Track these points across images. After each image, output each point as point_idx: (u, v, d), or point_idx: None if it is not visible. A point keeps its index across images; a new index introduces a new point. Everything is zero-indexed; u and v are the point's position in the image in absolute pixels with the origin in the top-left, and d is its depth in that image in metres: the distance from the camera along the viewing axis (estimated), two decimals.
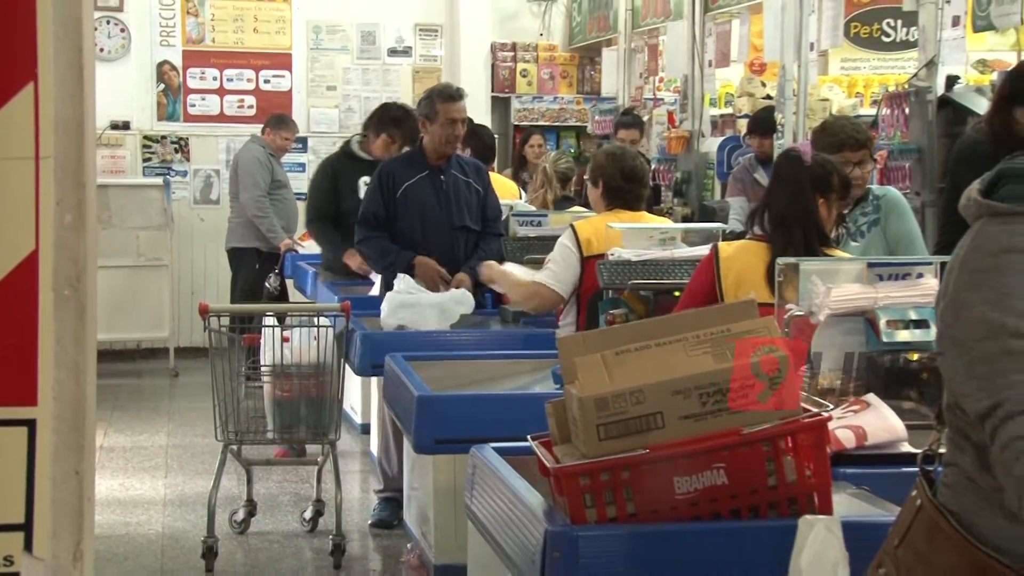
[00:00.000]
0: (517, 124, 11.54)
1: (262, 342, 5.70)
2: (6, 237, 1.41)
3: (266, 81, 11.42)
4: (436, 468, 5.11)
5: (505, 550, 2.92)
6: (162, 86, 11.23)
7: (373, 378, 6.05)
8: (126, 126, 11.03)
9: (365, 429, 7.28)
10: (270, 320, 5.76)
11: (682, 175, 9.24)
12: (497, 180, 7.35)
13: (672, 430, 2.57)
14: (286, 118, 9.82)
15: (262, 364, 5.71)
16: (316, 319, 5.65)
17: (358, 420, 7.76)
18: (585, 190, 8.86)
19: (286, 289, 9.09)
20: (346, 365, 5.72)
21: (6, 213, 1.41)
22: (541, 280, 5.18)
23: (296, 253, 8.89)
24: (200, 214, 11.15)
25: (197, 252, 11.00)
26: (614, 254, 4.92)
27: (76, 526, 1.49)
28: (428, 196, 6.26)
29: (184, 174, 11.22)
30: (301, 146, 10.91)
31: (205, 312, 5.47)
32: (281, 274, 8.90)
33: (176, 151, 11.22)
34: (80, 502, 1.48)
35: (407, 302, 5.80)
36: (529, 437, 2.91)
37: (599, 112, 11.21)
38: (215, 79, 11.33)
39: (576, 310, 5.17)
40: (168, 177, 11.01)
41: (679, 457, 2.59)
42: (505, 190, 7.46)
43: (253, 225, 8.97)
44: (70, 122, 1.43)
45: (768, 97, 8.68)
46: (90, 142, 1.45)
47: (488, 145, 8.49)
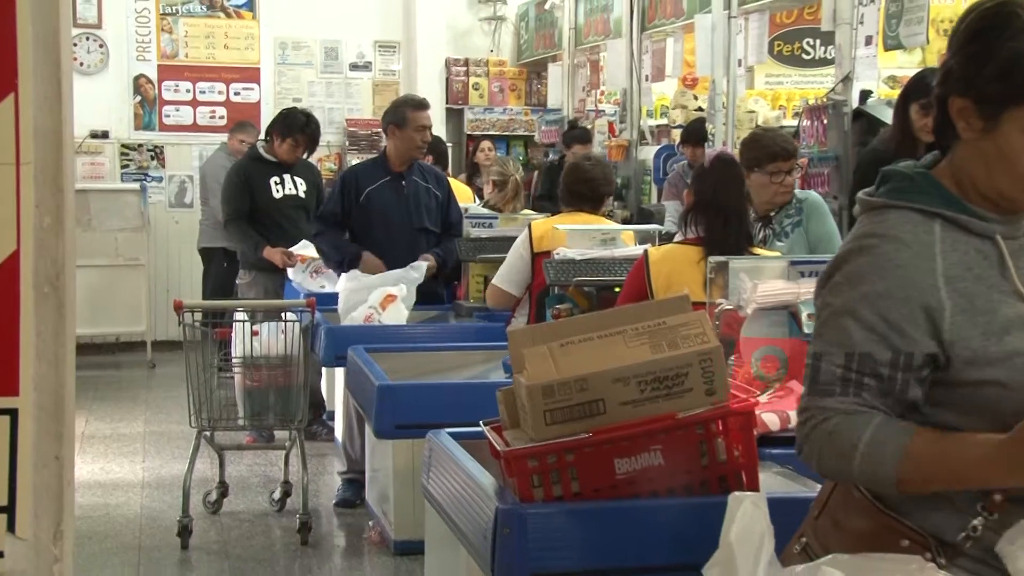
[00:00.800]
0: (470, 133, 11.56)
1: (233, 336, 5.69)
2: None
3: (236, 93, 11.37)
4: (395, 452, 5.10)
5: (459, 527, 2.91)
6: (139, 98, 11.17)
7: (337, 368, 6.03)
8: (105, 135, 10.98)
9: (330, 416, 7.25)
10: (240, 315, 5.73)
11: (622, 181, 9.27)
12: (455, 186, 7.35)
13: (613, 415, 2.57)
14: (245, 123, 9.77)
15: (233, 356, 5.70)
16: (283, 314, 5.64)
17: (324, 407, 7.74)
18: (540, 191, 8.93)
19: None
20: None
21: None
22: (494, 281, 5.21)
23: None
24: (175, 217, 11.09)
25: (172, 252, 10.95)
26: (559, 253, 4.92)
27: (56, 508, 1.47)
28: (390, 199, 6.26)
29: (160, 180, 11.16)
30: None
31: (180, 308, 5.46)
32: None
33: (152, 158, 11.18)
34: (60, 485, 1.47)
35: (361, 286, 5.84)
36: (481, 422, 2.91)
37: (545, 122, 11.26)
38: (188, 91, 11.28)
39: (530, 305, 5.18)
40: (144, 183, 10.95)
41: (619, 440, 2.60)
42: (462, 195, 7.46)
43: (221, 226, 8.90)
44: (49, 131, 1.41)
45: (700, 109, 8.71)
46: (68, 150, 1.43)
47: (441, 152, 8.52)
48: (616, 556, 2.62)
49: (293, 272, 7.07)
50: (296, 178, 7.32)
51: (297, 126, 7.24)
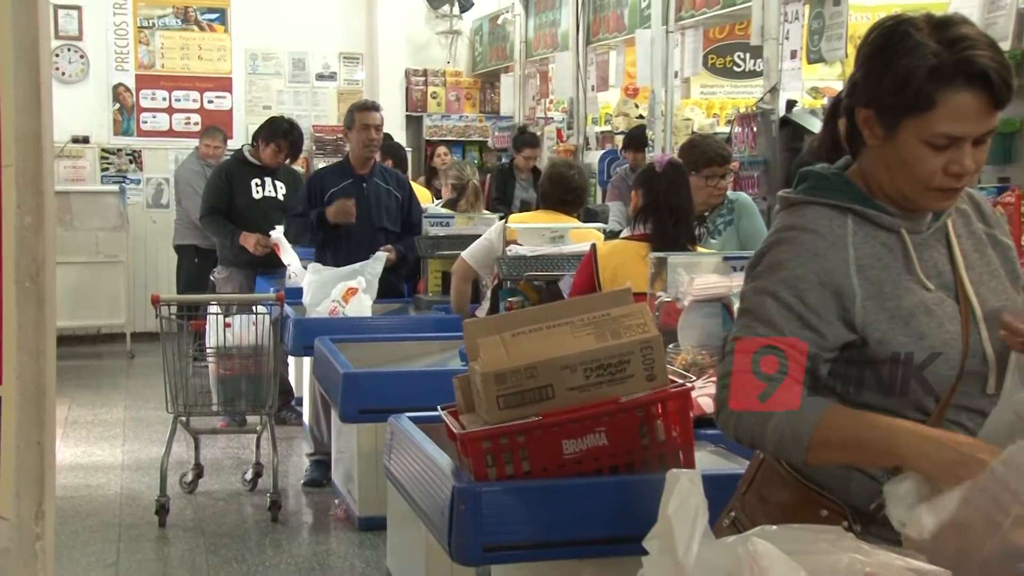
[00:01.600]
0: (428, 139, 11.55)
1: (207, 327, 5.65)
2: None
3: (209, 101, 11.33)
4: (359, 435, 5.09)
5: (419, 504, 2.91)
6: (117, 105, 11.12)
7: (305, 358, 6.01)
8: (86, 140, 10.92)
9: (298, 402, 7.23)
10: (214, 308, 5.70)
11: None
12: (415, 188, 7.34)
13: (561, 400, 2.58)
14: (212, 129, 9.74)
15: (207, 346, 5.66)
16: (254, 307, 5.61)
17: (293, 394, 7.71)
18: (494, 194, 8.92)
19: None
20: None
21: None
22: (463, 254, 5.24)
23: None
24: (152, 217, 11.02)
25: (150, 250, 10.89)
26: (511, 251, 4.92)
27: (38, 490, 1.45)
28: (352, 200, 6.23)
29: (138, 182, 11.10)
30: None
31: (157, 302, 5.44)
32: None
33: (130, 162, 11.11)
34: (42, 468, 1.45)
35: (324, 281, 5.82)
36: (439, 407, 2.90)
37: (498, 129, 11.27)
38: (164, 99, 11.22)
39: (490, 299, 5.18)
40: (123, 185, 10.91)
41: (567, 423, 2.60)
42: (421, 197, 7.44)
43: (193, 225, 8.83)
44: (29, 135, 1.39)
45: (640, 117, 8.75)
46: (48, 153, 1.41)
47: (400, 156, 8.52)
48: (564, 530, 2.63)
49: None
50: (277, 182, 7.32)
51: (280, 132, 7.26)
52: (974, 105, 1.80)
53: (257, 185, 7.25)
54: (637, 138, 8.04)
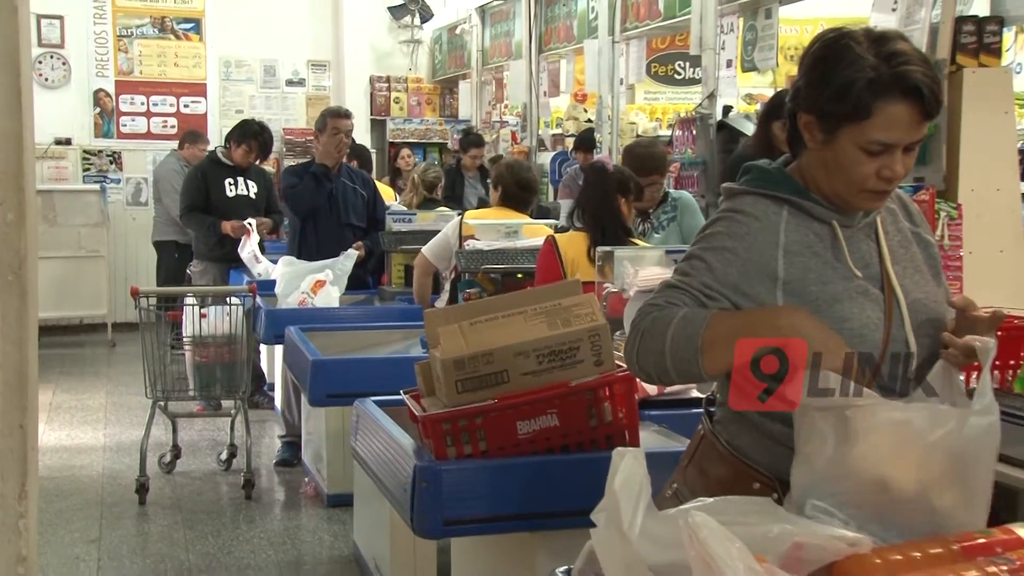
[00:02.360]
0: (391, 141, 11.50)
1: (184, 317, 5.61)
2: None
3: (185, 106, 11.24)
4: (327, 417, 5.07)
5: (383, 482, 2.90)
6: (98, 109, 11.02)
7: (276, 346, 5.97)
8: (68, 142, 10.84)
9: (270, 387, 7.19)
10: (190, 300, 5.66)
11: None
12: (380, 187, 7.32)
13: (515, 384, 2.58)
14: (199, 134, 9.70)
15: (184, 335, 5.61)
16: (228, 299, 5.58)
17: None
18: (447, 192, 8.90)
19: None
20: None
21: None
22: (424, 249, 5.23)
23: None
24: (131, 214, 10.93)
25: (130, 245, 10.78)
26: (469, 245, 4.91)
27: (21, 470, 1.42)
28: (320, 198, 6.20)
29: (118, 181, 11.01)
30: None
31: (136, 294, 5.41)
32: None
33: (111, 163, 11.02)
34: (25, 451, 1.42)
35: (295, 274, 5.79)
36: (402, 391, 2.89)
37: (457, 131, 11.23)
38: (143, 104, 11.13)
39: (449, 290, 5.17)
40: (104, 184, 10.83)
41: (521, 405, 2.60)
42: (385, 195, 7.43)
43: (173, 221, 8.76)
44: (10, 135, 1.36)
45: (589, 120, 8.76)
46: (28, 153, 1.39)
47: (365, 158, 8.49)
48: (518, 504, 2.63)
49: (242, 248, 6.98)
50: (249, 181, 7.30)
51: (251, 134, 7.25)
52: (907, 116, 1.82)
53: (230, 184, 7.23)
54: (586, 140, 8.05)
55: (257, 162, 7.45)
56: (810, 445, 1.71)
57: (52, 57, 10.74)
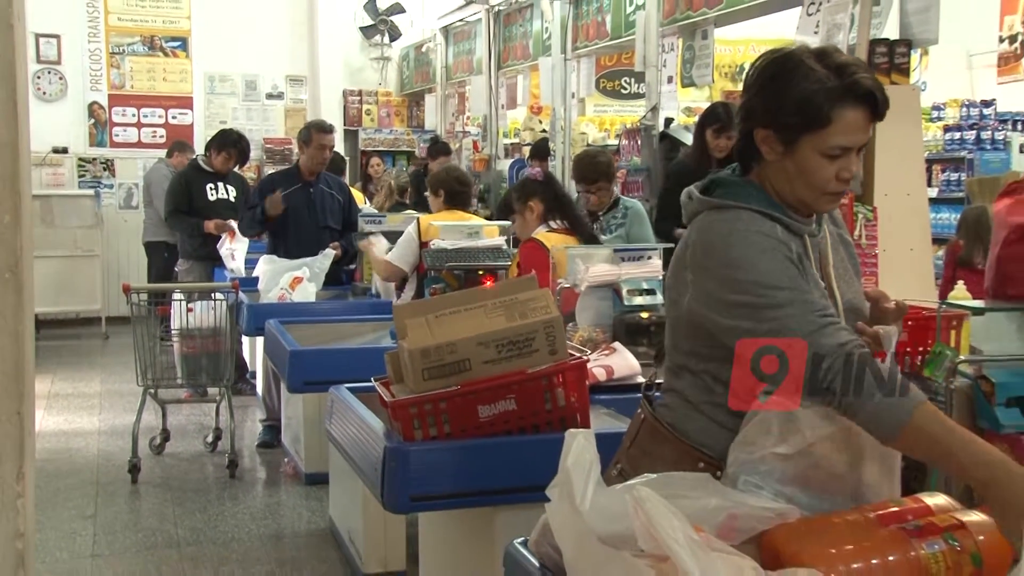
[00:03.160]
0: (363, 149, 11.44)
1: (172, 312, 5.56)
2: None
3: (173, 117, 11.14)
4: (305, 403, 5.04)
5: (356, 461, 2.88)
6: (92, 120, 10.91)
7: (257, 337, 5.93)
8: (65, 151, 10.72)
9: (252, 375, 7.14)
10: (178, 295, 5.62)
11: (484, 186, 9.26)
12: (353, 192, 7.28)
13: (477, 371, 2.57)
14: (186, 144, 9.66)
15: (172, 328, 5.57)
16: (213, 294, 5.54)
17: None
18: (415, 197, 8.86)
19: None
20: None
21: None
22: (388, 258, 5.19)
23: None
24: (123, 217, 10.81)
25: (121, 245, 10.66)
26: (434, 244, 4.89)
27: (19, 454, 1.41)
28: (300, 202, 6.18)
29: (111, 187, 10.90)
30: None
31: (128, 290, 5.37)
32: None
33: (104, 169, 10.91)
34: (22, 435, 1.40)
35: (275, 271, 5.75)
36: (372, 379, 2.88)
37: (423, 141, 11.19)
38: (134, 115, 11.02)
39: (415, 285, 5.15)
40: (98, 189, 10.72)
41: (482, 391, 2.59)
42: (358, 199, 7.39)
43: (162, 224, 8.67)
44: (8, 144, 1.34)
45: (544, 131, 8.76)
46: (24, 160, 1.36)
47: (340, 167, 8.45)
48: (479, 481, 2.62)
49: (221, 245, 6.94)
50: (228, 186, 7.28)
51: (231, 141, 7.25)
52: (861, 120, 1.82)
53: (211, 189, 7.21)
54: (541, 149, 8.06)
55: (236, 168, 7.44)
56: (754, 432, 1.72)
57: (50, 72, 10.64)
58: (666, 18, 6.36)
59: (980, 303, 2.80)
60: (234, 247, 6.83)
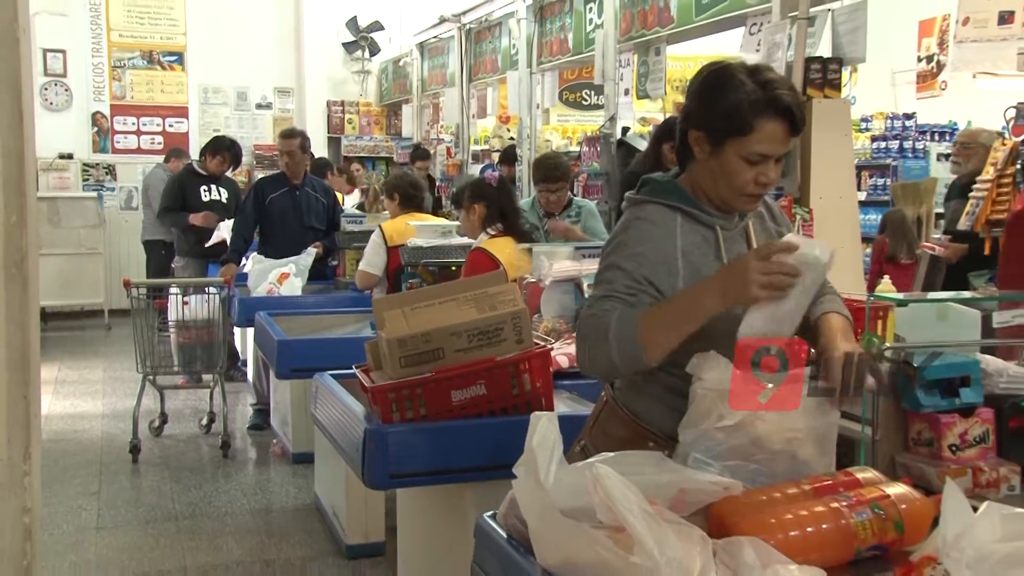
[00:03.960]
0: (346, 156, 11.39)
1: (169, 305, 5.52)
2: None
3: (170, 126, 11.07)
4: (292, 388, 5.02)
5: (339, 442, 2.87)
6: (96, 129, 10.83)
7: (248, 328, 5.89)
8: (70, 156, 10.64)
9: (243, 363, 7.09)
10: (175, 290, 5.57)
11: (456, 190, 9.24)
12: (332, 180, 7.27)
13: (450, 359, 2.57)
14: (182, 150, 9.57)
15: (169, 320, 5.53)
16: (207, 289, 5.50)
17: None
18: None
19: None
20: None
21: None
22: (362, 268, 5.16)
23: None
24: (124, 217, 10.72)
25: (122, 243, 10.57)
26: (411, 242, 4.88)
27: (25, 435, 1.39)
28: (287, 204, 6.14)
29: (113, 190, 10.82)
30: None
31: (128, 285, 5.36)
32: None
33: (107, 174, 10.83)
34: (28, 418, 1.38)
35: (264, 268, 5.72)
36: (354, 366, 2.86)
37: (401, 147, 11.18)
38: (134, 124, 10.94)
39: (386, 283, 5.12)
40: (101, 192, 10.66)
41: (454, 377, 2.59)
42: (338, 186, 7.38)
43: (160, 224, 8.60)
44: (14, 150, 1.32)
45: (511, 138, 8.75)
46: (30, 164, 1.34)
47: (323, 171, 8.37)
48: (452, 460, 2.62)
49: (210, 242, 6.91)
50: (220, 188, 7.25)
51: (224, 146, 7.25)
52: (780, 131, 1.85)
53: (205, 191, 7.18)
54: (509, 155, 8.05)
55: (230, 170, 7.40)
56: (699, 414, 1.73)
57: (56, 84, 10.57)
58: (623, 36, 6.37)
59: (903, 295, 2.82)
60: (223, 234, 6.80)
